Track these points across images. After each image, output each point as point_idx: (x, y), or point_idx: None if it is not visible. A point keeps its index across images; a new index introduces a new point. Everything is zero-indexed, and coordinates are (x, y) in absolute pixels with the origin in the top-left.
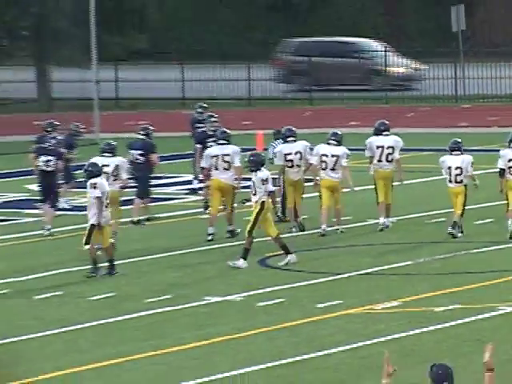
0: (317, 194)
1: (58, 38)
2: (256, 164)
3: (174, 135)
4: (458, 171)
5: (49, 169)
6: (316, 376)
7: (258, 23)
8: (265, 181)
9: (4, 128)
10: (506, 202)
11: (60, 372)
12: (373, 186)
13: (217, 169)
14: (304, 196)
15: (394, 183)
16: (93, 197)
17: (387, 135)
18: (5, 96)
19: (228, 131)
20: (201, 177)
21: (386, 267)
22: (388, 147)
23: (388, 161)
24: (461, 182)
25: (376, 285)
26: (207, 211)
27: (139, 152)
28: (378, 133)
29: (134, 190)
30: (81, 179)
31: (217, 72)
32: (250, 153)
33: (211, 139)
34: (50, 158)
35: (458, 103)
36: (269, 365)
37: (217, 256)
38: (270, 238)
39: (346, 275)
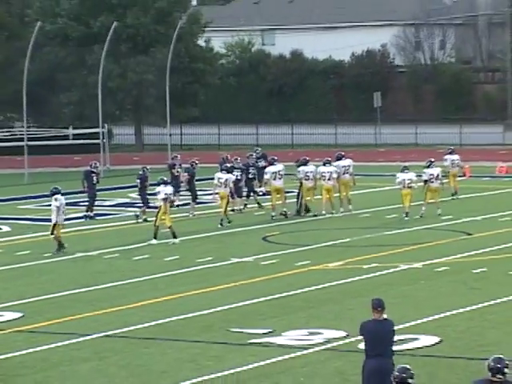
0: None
1: (147, 109)
2: (159, 183)
3: (213, 166)
4: (409, 181)
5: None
6: (294, 304)
7: (261, 102)
8: (157, 193)
9: (115, 161)
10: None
11: (144, 302)
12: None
13: (274, 179)
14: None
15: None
16: (55, 206)
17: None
18: (117, 142)
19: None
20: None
21: (335, 242)
22: (348, 166)
23: (345, 173)
24: (410, 187)
25: (329, 252)
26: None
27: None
28: (338, 159)
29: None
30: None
31: (236, 129)
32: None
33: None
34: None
35: (376, 148)
36: (268, 298)
37: (241, 234)
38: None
39: (312, 246)
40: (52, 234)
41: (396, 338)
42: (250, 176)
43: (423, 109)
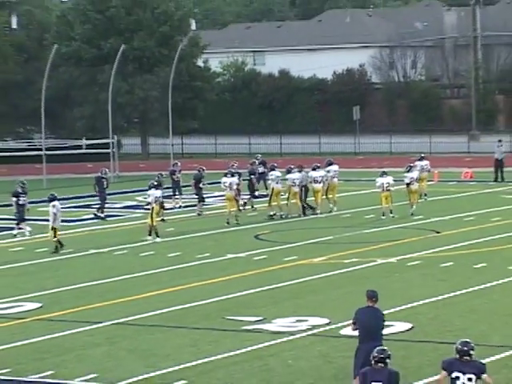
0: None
1: (152, 122)
2: (150, 187)
3: (211, 172)
4: (387, 185)
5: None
6: (282, 295)
7: (253, 115)
8: (156, 195)
9: (124, 168)
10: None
11: (149, 293)
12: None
13: (277, 183)
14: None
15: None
16: (52, 212)
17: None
18: (125, 152)
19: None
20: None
21: (320, 239)
22: (336, 171)
23: (334, 177)
24: (388, 190)
25: (314, 248)
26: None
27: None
28: (330, 164)
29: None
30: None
31: (231, 139)
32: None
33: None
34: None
35: (355, 156)
36: (259, 289)
37: (235, 232)
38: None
39: (299, 243)
40: (55, 237)
41: None
42: (254, 181)
43: (397, 121)
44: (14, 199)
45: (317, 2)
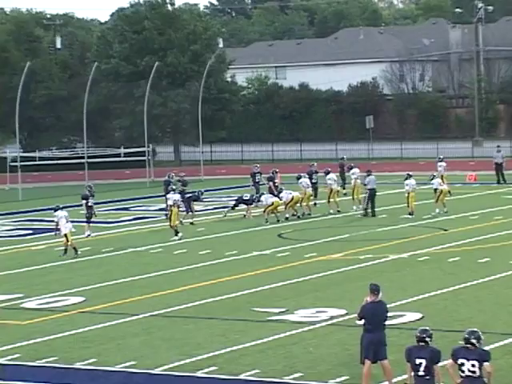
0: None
1: (183, 131)
2: (168, 192)
3: (237, 177)
4: (413, 187)
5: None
6: (304, 288)
7: (276, 125)
8: (174, 199)
9: (158, 173)
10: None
11: (183, 288)
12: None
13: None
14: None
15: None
16: (55, 220)
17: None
18: (159, 159)
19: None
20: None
21: (336, 237)
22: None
23: (357, 178)
24: (414, 191)
25: (332, 246)
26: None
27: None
28: (350, 168)
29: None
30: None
31: (256, 147)
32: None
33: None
34: None
35: (369, 161)
36: (282, 283)
37: (260, 232)
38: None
39: (318, 241)
40: (67, 240)
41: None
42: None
43: (407, 129)
44: (84, 201)
45: (333, 21)
